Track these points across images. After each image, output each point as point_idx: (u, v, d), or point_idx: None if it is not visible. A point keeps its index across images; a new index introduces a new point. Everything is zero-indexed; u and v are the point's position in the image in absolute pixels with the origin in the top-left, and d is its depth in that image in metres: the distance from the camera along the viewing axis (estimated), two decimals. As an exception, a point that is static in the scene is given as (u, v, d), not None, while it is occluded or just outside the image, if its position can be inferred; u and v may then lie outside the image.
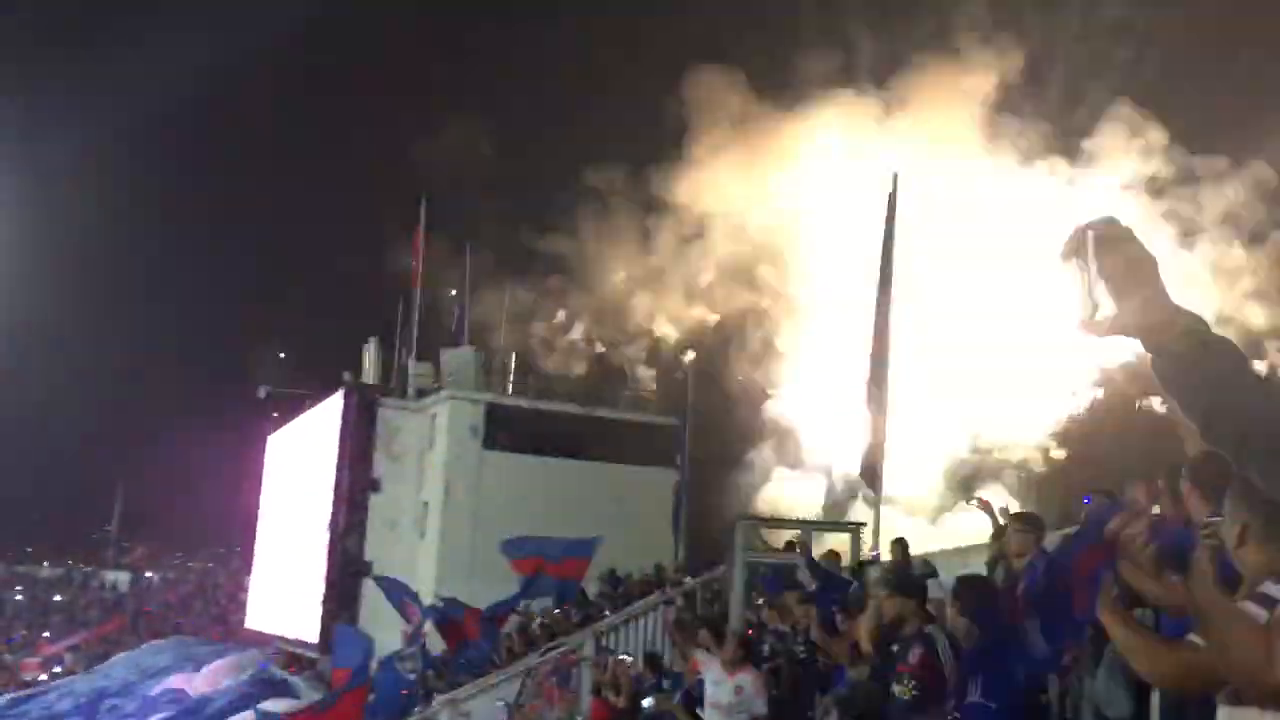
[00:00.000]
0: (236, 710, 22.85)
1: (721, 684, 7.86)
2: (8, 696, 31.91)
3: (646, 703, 9.59)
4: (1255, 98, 24.52)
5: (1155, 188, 24.43)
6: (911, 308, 22.36)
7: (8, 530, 58.79)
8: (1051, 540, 6.92)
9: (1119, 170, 24.73)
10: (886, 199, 16.36)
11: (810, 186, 27.37)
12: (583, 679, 13.75)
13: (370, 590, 27.22)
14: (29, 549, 59.49)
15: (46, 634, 45.45)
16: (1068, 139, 25.47)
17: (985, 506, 8.82)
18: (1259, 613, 2.12)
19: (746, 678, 7.97)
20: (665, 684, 9.81)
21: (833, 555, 12.91)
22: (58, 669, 38.54)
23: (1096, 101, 25.20)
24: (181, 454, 62.46)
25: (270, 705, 20.21)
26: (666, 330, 32.80)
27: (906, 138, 25.51)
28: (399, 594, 18.05)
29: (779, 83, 29.33)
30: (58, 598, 51.01)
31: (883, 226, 16.25)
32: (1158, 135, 24.46)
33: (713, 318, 31.52)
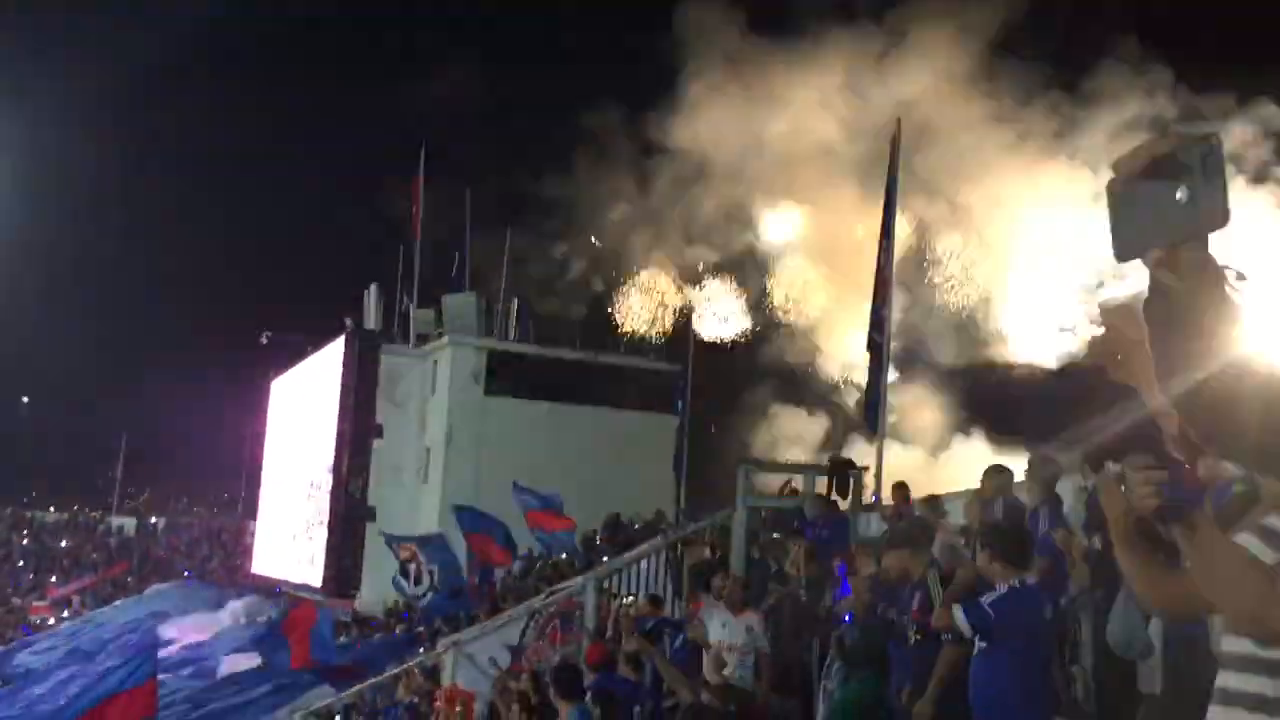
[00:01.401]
0: (241, 652, 23.13)
1: (729, 625, 7.99)
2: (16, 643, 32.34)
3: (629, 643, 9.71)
4: (1264, 31, 24.12)
5: (1159, 127, 24.17)
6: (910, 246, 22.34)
7: (13, 476, 59.21)
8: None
9: (1122, 110, 24.43)
10: (890, 142, 16.25)
11: (809, 125, 27.10)
12: (585, 621, 13.86)
13: (374, 535, 27.47)
14: (34, 494, 59.89)
15: (54, 578, 45.88)
16: (1070, 76, 25.10)
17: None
18: (1262, 550, 2.08)
19: (754, 618, 8.15)
20: (665, 629, 9.88)
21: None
22: (65, 612, 38.95)
23: (1099, 38, 24.81)
24: (185, 399, 62.77)
25: None
26: (666, 272, 32.66)
27: (906, 75, 25.19)
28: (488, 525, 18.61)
29: (776, 19, 28.90)
30: (64, 542, 51.42)
31: (885, 172, 16.16)
32: (1162, 73, 24.15)
33: (712, 259, 31.36)
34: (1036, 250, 22.86)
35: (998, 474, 8.15)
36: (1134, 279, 1.73)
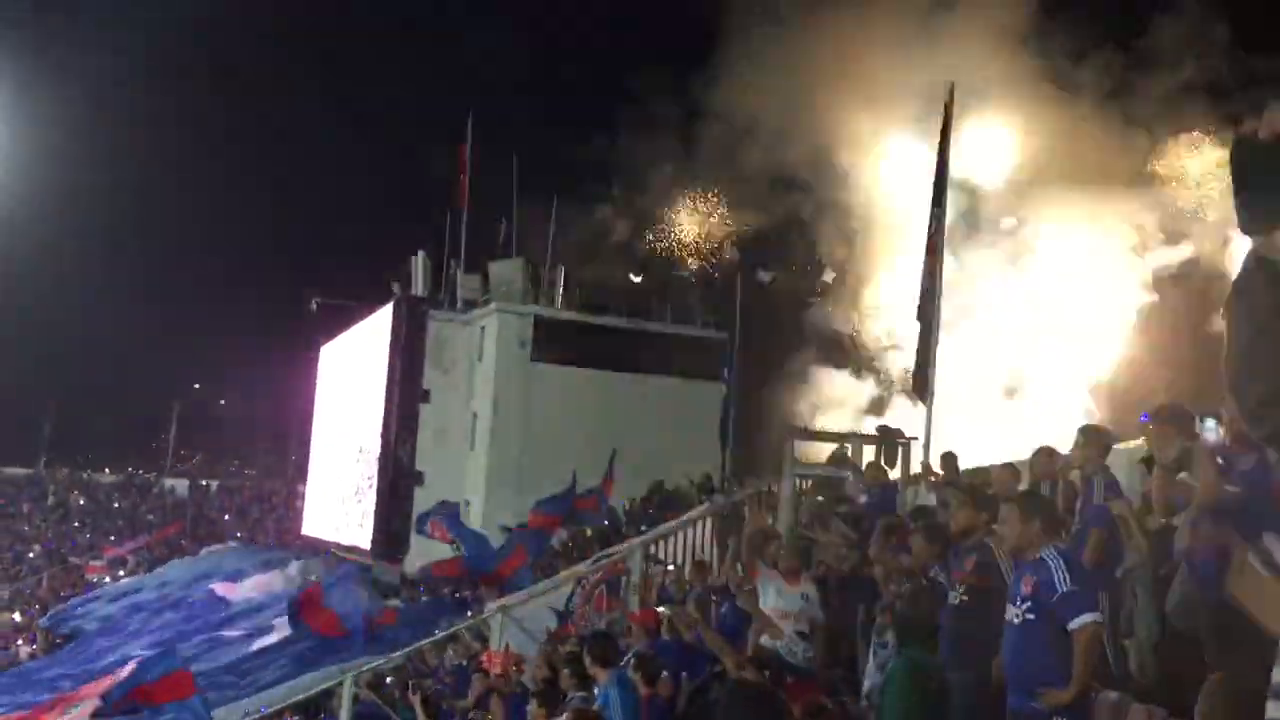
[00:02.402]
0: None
1: (784, 594, 8.00)
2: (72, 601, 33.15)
3: (661, 609, 9.75)
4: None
5: (1215, 89, 23.53)
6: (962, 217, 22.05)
7: (70, 438, 60.43)
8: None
9: (1178, 71, 23.82)
10: (943, 109, 15.99)
11: (857, 87, 26.75)
12: (631, 587, 13.96)
13: (421, 499, 27.79)
14: (90, 455, 61.13)
15: (110, 538, 46.85)
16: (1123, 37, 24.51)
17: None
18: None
19: (810, 587, 8.17)
20: (712, 596, 9.93)
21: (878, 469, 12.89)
22: (121, 572, 39.79)
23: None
24: (236, 365, 63.59)
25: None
26: (712, 237, 32.49)
27: (955, 36, 24.74)
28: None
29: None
30: (118, 504, 52.47)
31: (938, 139, 15.91)
32: (1222, 31, 23.50)
33: (757, 225, 31.15)
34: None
35: (1046, 457, 8.04)
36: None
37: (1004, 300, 23.93)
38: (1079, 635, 4.82)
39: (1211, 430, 5.55)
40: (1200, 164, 22.51)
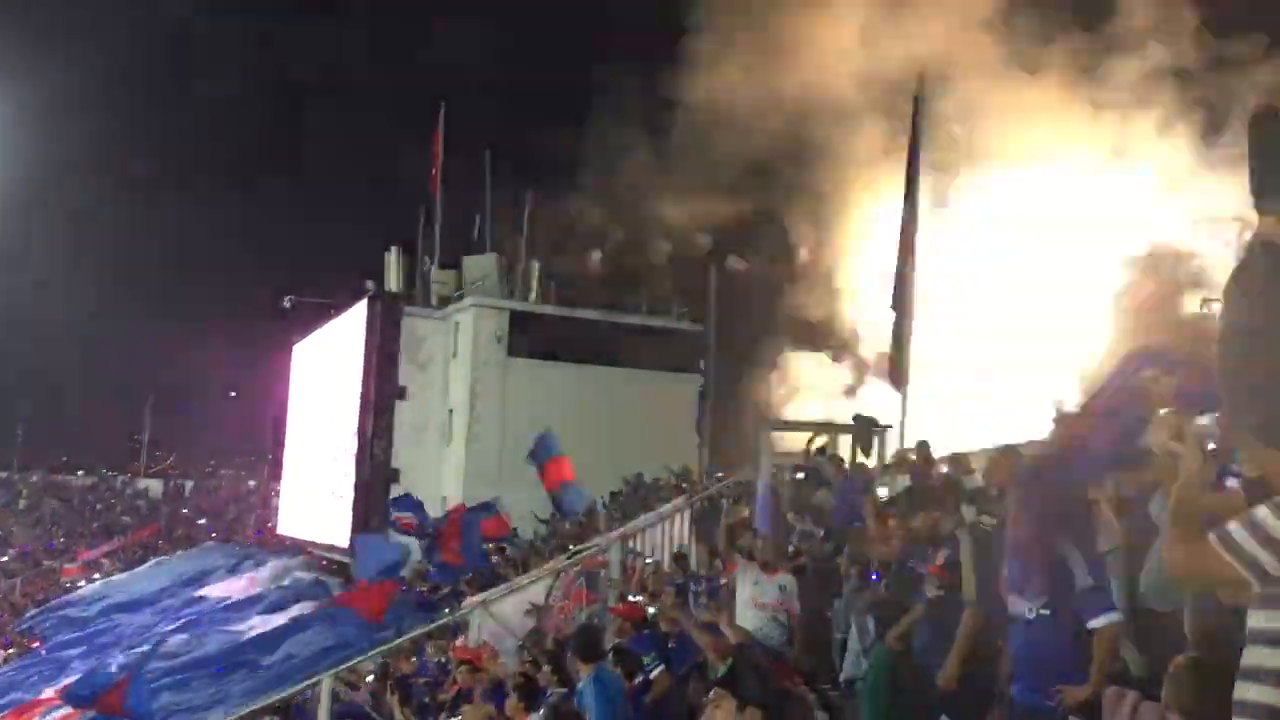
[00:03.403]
0: (273, 611, 23.45)
1: (762, 584, 8.02)
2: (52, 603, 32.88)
3: (651, 611, 9.73)
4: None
5: (1183, 72, 23.65)
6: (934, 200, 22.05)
7: (42, 440, 59.92)
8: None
9: (1146, 55, 23.93)
10: (913, 99, 16.09)
11: (826, 74, 26.78)
12: (610, 580, 13.95)
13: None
14: (64, 458, 60.63)
15: (86, 541, 46.46)
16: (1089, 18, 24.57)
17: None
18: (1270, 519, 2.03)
19: (787, 578, 8.18)
20: (693, 585, 9.95)
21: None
22: (96, 575, 39.47)
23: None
24: (209, 364, 63.16)
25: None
26: (684, 228, 32.49)
27: (924, 19, 24.80)
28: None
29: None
30: (92, 506, 52.06)
31: (909, 128, 16.00)
32: (1189, 15, 23.63)
33: (729, 215, 31.16)
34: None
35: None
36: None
37: (978, 285, 24.02)
38: (1101, 634, 4.78)
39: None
40: (1169, 146, 22.68)
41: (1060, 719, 4.76)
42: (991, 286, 23.62)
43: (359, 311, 31.62)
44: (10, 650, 30.34)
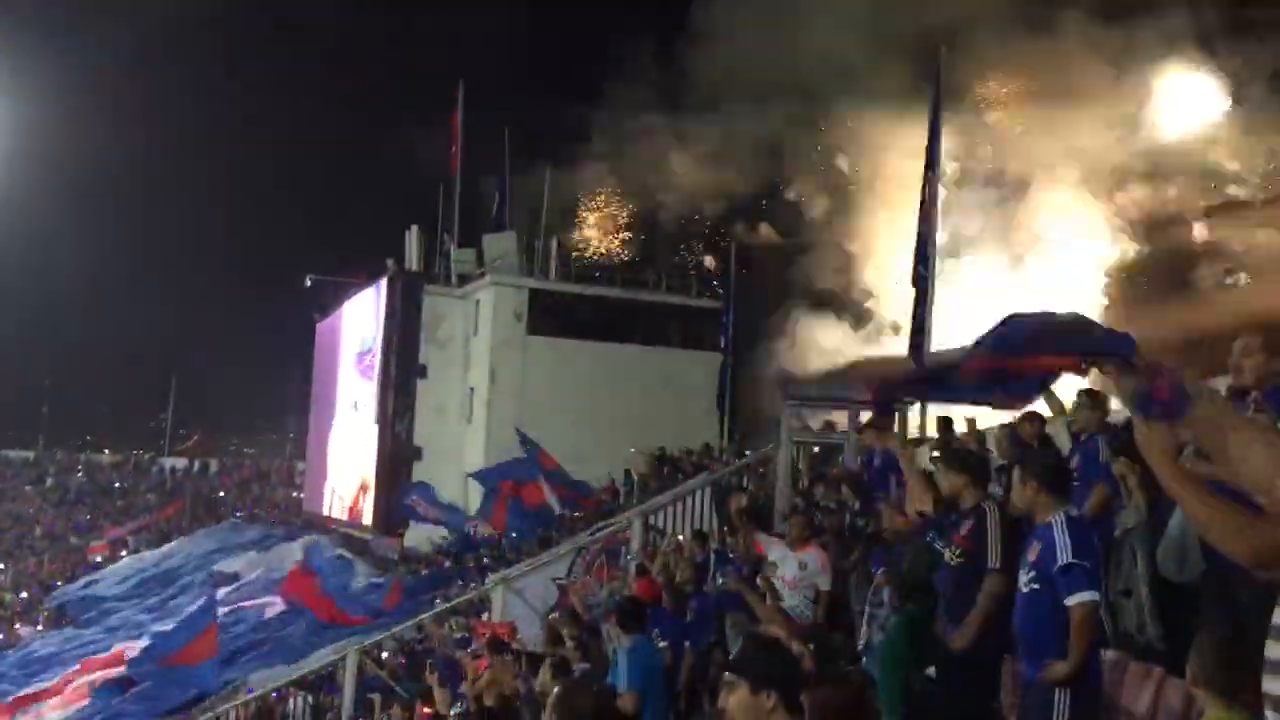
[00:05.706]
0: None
1: (785, 560, 8.00)
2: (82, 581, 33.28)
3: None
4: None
5: (1205, 38, 23.33)
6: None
7: (68, 418, 60.50)
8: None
9: (1164, 21, 23.63)
10: (934, 73, 15.94)
11: (841, 45, 26.61)
12: (631, 556, 14.00)
13: (419, 474, 27.89)
14: (89, 437, 61.18)
15: (112, 519, 46.90)
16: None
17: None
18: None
19: (811, 553, 8.13)
20: (719, 564, 9.94)
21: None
22: (123, 552, 39.87)
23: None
24: (234, 343, 63.55)
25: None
26: (703, 203, 32.44)
27: None
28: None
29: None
30: (118, 484, 52.51)
31: (929, 101, 15.86)
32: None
33: (746, 187, 31.08)
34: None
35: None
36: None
37: (996, 254, 23.94)
38: (1075, 612, 4.77)
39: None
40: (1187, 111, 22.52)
41: (1048, 692, 4.77)
42: (1010, 255, 23.54)
43: (380, 290, 31.71)
44: (39, 627, 30.72)
